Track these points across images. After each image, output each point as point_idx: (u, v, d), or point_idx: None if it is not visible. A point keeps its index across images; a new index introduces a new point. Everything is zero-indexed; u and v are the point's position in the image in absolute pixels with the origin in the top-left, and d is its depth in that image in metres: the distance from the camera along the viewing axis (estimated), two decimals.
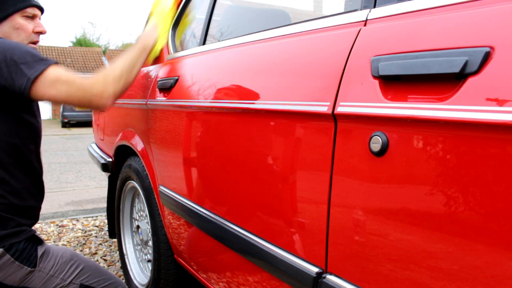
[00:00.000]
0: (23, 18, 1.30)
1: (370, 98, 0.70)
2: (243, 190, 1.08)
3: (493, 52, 0.55)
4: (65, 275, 1.31)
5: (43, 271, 1.27)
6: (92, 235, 3.12)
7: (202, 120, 1.29)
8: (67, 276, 1.31)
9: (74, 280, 1.32)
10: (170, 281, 1.67)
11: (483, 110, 0.54)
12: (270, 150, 0.96)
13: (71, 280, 1.31)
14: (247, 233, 1.03)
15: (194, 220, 1.32)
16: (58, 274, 1.30)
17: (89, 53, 24.83)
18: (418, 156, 0.63)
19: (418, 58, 0.63)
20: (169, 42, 1.74)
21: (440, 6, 0.66)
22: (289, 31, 1.01)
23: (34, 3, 1.34)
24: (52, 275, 1.29)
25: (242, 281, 1.11)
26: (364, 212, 0.72)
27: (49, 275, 1.28)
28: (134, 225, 2.07)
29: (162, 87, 1.52)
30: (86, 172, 6.05)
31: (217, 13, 1.54)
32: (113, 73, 1.26)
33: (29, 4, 1.31)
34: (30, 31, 1.32)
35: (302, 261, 0.86)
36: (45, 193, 1.41)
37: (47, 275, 1.28)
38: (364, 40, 0.76)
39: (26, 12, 1.30)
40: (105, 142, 2.32)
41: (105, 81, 1.23)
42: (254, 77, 1.06)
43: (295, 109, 0.87)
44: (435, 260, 0.61)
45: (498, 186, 0.54)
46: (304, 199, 0.87)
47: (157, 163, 1.60)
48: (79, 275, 1.33)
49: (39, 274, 1.26)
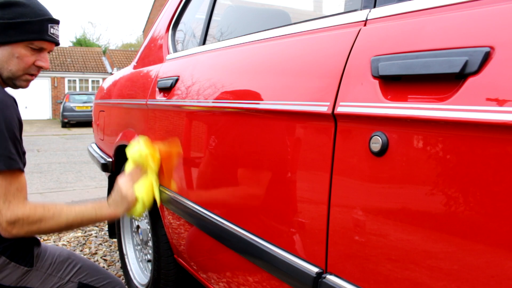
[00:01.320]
0: (27, 49, 1.18)
1: (370, 98, 0.70)
2: (243, 190, 1.08)
3: (493, 52, 0.55)
4: (63, 274, 1.31)
5: (41, 270, 1.27)
6: (92, 235, 3.12)
7: (202, 120, 1.29)
8: (65, 275, 1.31)
9: (72, 278, 1.32)
10: (170, 281, 1.67)
11: (483, 110, 0.54)
12: (270, 150, 0.96)
13: (69, 278, 1.31)
14: (247, 233, 1.03)
15: (194, 220, 1.32)
16: (56, 272, 1.30)
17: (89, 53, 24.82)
18: (418, 156, 0.63)
19: (418, 58, 0.63)
20: (169, 42, 1.74)
21: (440, 6, 0.66)
22: (289, 31, 1.01)
23: (48, 38, 1.20)
24: (50, 273, 1.29)
25: (242, 281, 1.11)
26: (364, 212, 0.72)
27: (46, 274, 1.28)
28: (134, 225, 2.07)
29: (162, 87, 1.52)
30: (86, 172, 6.05)
31: (217, 13, 1.54)
32: (35, 215, 1.11)
33: (40, 38, 1.18)
34: (31, 63, 1.20)
35: (302, 261, 0.86)
36: (45, 193, 1.41)
37: (45, 274, 1.28)
38: (364, 40, 0.76)
39: (32, 44, 1.18)
40: (105, 142, 2.31)
41: (18, 217, 1.09)
42: (254, 77, 1.06)
43: (295, 109, 0.87)
44: (435, 260, 0.61)
45: (498, 186, 0.54)
46: (304, 199, 0.87)
47: None
48: (77, 274, 1.33)
49: (36, 274, 1.26)
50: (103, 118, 2.35)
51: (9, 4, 1.17)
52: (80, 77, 22.64)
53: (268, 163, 0.96)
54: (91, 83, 22.90)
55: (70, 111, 15.94)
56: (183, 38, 1.74)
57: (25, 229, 1.13)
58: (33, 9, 1.19)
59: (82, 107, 16.00)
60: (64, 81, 22.28)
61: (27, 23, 1.16)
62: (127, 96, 1.96)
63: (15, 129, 1.13)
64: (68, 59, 23.30)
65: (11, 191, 1.10)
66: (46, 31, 1.19)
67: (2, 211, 1.09)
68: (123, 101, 1.99)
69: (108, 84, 2.43)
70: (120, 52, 26.53)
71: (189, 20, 1.74)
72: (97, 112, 2.51)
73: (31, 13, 1.17)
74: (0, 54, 1.18)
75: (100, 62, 24.11)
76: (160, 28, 1.88)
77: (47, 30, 1.20)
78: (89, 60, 23.84)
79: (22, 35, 1.17)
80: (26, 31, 1.17)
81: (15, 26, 1.15)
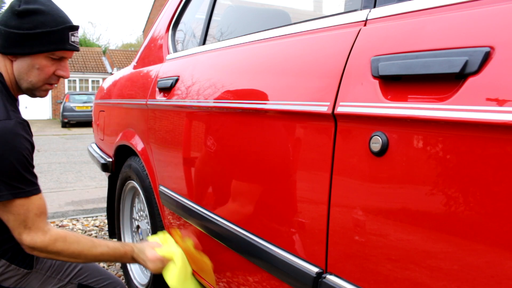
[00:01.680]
0: (48, 59, 1.14)
1: (370, 98, 0.70)
2: (243, 190, 1.08)
3: (493, 52, 0.55)
4: (63, 276, 1.31)
5: (40, 272, 1.28)
6: (92, 235, 3.11)
7: (202, 120, 1.29)
8: (64, 277, 1.31)
9: (72, 280, 1.32)
10: None
11: (483, 110, 0.54)
12: (270, 150, 0.96)
13: (68, 280, 1.32)
14: (247, 233, 1.03)
15: (194, 220, 1.32)
16: (55, 274, 1.30)
17: (89, 53, 24.82)
18: (418, 156, 0.63)
19: (418, 58, 0.63)
20: (169, 42, 1.74)
21: (440, 6, 0.66)
22: (289, 31, 1.01)
23: (69, 48, 1.17)
24: (49, 276, 1.29)
25: (242, 281, 1.11)
26: (364, 212, 0.72)
27: (46, 276, 1.29)
28: (134, 225, 2.07)
29: (162, 87, 1.52)
30: (86, 172, 6.05)
31: (217, 13, 1.54)
32: (53, 248, 1.13)
33: (62, 48, 1.15)
34: (51, 73, 1.17)
35: (302, 261, 0.86)
36: (45, 193, 1.41)
37: (44, 276, 1.28)
38: (364, 40, 0.76)
39: (54, 54, 1.14)
40: (105, 142, 2.31)
41: (36, 245, 1.11)
42: (254, 77, 1.06)
43: (295, 109, 0.87)
44: (435, 260, 0.61)
45: (498, 186, 0.54)
46: (304, 199, 0.87)
47: (157, 163, 1.60)
48: (76, 275, 1.33)
49: (36, 276, 1.26)
50: (103, 118, 2.35)
51: (28, 13, 1.11)
52: (80, 77, 22.63)
53: (268, 163, 0.96)
54: (91, 83, 22.89)
55: (70, 111, 15.93)
56: (183, 38, 1.74)
57: (44, 255, 1.16)
58: (53, 16, 1.14)
59: (82, 107, 15.99)
60: (64, 81, 22.28)
61: (48, 33, 1.11)
62: (127, 96, 1.96)
63: (28, 157, 1.11)
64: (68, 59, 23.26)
65: (29, 217, 1.11)
66: (68, 40, 1.15)
67: (23, 237, 1.11)
68: (123, 101, 1.99)
69: (108, 84, 2.43)
70: (120, 52, 26.53)
71: (189, 20, 1.74)
72: (97, 112, 2.51)
73: (51, 22, 1.12)
74: (19, 65, 1.14)
75: (100, 62, 24.11)
76: (160, 28, 1.88)
77: (68, 39, 1.16)
78: (89, 60, 23.83)
79: (43, 46, 1.12)
80: (47, 42, 1.12)
81: (35, 37, 1.11)
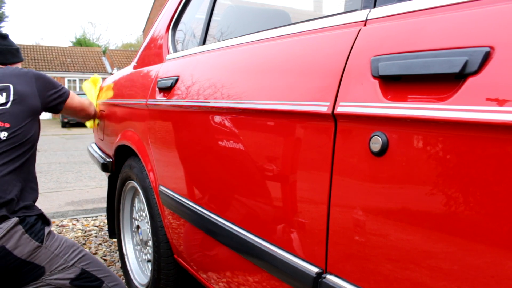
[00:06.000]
0: None
1: (370, 98, 0.70)
2: (243, 190, 1.08)
3: (493, 52, 0.55)
4: (69, 257, 1.39)
5: (49, 249, 1.35)
6: (92, 235, 3.12)
7: (202, 120, 1.29)
8: (71, 259, 1.39)
9: (76, 263, 1.40)
10: (170, 281, 1.67)
11: (483, 110, 0.54)
12: (270, 150, 0.96)
13: (73, 263, 1.40)
14: (247, 233, 1.03)
15: (194, 220, 1.32)
16: (63, 255, 1.38)
17: (89, 53, 24.80)
18: (418, 156, 0.63)
19: (418, 58, 0.63)
20: (169, 42, 1.74)
21: (440, 6, 0.66)
22: (289, 31, 1.01)
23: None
24: (57, 254, 1.37)
25: (242, 281, 1.11)
26: (364, 212, 0.72)
27: (54, 254, 1.36)
28: (134, 225, 2.07)
29: (162, 87, 1.52)
30: (86, 172, 6.05)
31: (217, 13, 1.54)
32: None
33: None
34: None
35: (302, 261, 0.86)
36: (45, 193, 1.51)
37: (52, 254, 1.35)
38: (364, 40, 0.76)
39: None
40: (105, 142, 2.31)
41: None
42: (254, 77, 1.06)
43: (295, 109, 0.87)
44: (435, 260, 0.61)
45: (498, 186, 0.54)
46: (304, 199, 0.87)
47: (157, 163, 1.60)
48: (81, 260, 1.41)
49: (45, 251, 1.34)
50: (103, 118, 2.35)
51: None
52: (80, 77, 22.64)
53: (268, 163, 0.96)
54: None
55: None
56: (183, 38, 1.74)
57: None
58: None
59: None
60: (64, 81, 22.30)
61: None
62: (127, 96, 1.96)
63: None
64: (68, 59, 23.29)
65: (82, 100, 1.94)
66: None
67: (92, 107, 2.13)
68: (123, 101, 1.99)
69: (108, 84, 2.42)
70: (120, 52, 26.52)
71: (189, 20, 1.74)
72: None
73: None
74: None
75: (100, 62, 24.10)
76: (160, 28, 1.88)
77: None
78: (89, 60, 23.83)
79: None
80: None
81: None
